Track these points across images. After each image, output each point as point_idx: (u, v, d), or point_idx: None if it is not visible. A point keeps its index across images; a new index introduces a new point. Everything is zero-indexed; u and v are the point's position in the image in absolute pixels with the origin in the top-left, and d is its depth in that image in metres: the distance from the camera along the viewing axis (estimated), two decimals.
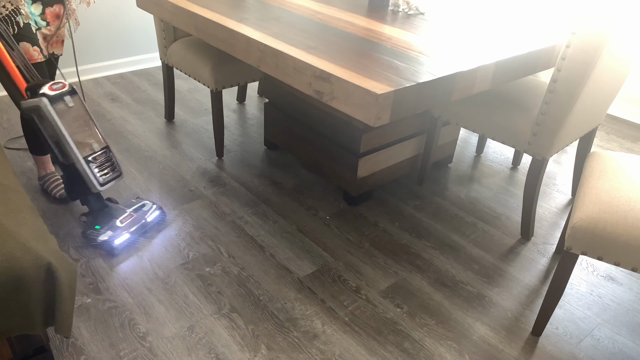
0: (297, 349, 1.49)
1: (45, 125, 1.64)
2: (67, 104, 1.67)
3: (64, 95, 1.67)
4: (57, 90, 1.64)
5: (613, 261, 1.36)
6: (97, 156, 1.74)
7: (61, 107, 1.65)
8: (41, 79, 1.68)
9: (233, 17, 1.82)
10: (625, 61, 1.74)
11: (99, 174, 1.73)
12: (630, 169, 1.52)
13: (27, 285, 1.09)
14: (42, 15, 1.76)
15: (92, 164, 1.71)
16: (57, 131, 1.63)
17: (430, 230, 2.04)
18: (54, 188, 2.03)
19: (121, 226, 1.82)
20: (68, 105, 1.67)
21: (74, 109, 1.69)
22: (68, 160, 1.69)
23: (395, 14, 2.00)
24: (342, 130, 2.04)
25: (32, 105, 1.61)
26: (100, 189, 1.73)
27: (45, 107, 1.60)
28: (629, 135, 2.97)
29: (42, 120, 1.63)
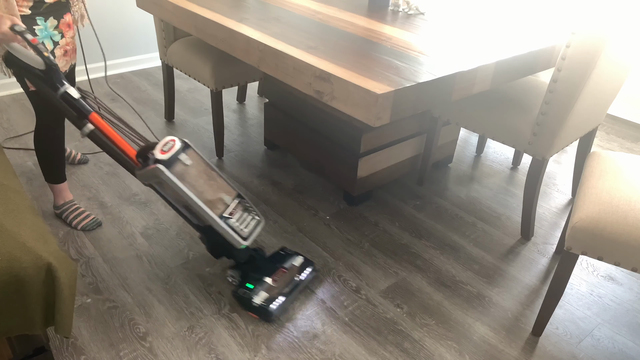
0: (297, 349, 1.49)
1: (168, 192, 1.48)
2: (184, 162, 1.47)
3: (179, 154, 1.47)
4: (170, 152, 1.45)
5: (613, 261, 1.36)
6: (233, 210, 1.53)
7: (180, 169, 1.45)
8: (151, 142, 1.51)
9: (233, 17, 1.82)
10: (625, 61, 1.74)
11: (241, 227, 1.53)
12: (630, 169, 1.52)
13: (27, 285, 1.09)
14: (57, 29, 1.66)
15: (229, 220, 1.50)
16: (183, 196, 1.44)
17: (431, 230, 2.04)
18: (74, 219, 1.91)
19: (275, 286, 1.61)
20: (186, 164, 1.47)
21: (193, 166, 1.49)
22: (204, 222, 1.51)
23: (395, 14, 2.00)
24: (342, 130, 2.04)
25: (149, 175, 1.44)
26: (246, 244, 1.53)
27: (163, 174, 1.41)
28: (629, 135, 2.97)
29: (163, 187, 1.47)
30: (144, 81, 3.28)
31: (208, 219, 1.47)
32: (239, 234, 1.52)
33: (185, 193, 1.44)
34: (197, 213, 1.47)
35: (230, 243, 1.53)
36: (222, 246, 1.58)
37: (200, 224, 1.53)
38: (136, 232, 1.91)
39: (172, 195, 1.49)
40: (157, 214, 2.01)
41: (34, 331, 1.16)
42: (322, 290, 1.70)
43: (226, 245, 1.56)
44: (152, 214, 2.01)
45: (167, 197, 1.51)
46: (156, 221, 1.98)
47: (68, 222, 1.91)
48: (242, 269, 1.65)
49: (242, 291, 1.59)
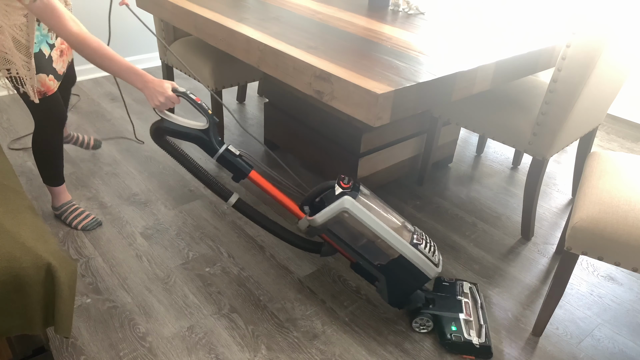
0: (297, 349, 1.49)
1: (351, 229, 1.39)
2: (365, 192, 1.43)
3: (359, 185, 1.42)
4: (349, 184, 1.39)
5: (613, 261, 1.36)
6: (418, 235, 1.45)
7: (363, 199, 1.39)
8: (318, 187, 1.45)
9: (233, 16, 1.82)
10: (625, 61, 1.74)
11: (431, 254, 1.43)
12: (630, 169, 1.52)
13: (27, 286, 1.09)
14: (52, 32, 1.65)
15: (420, 245, 1.41)
16: (373, 227, 1.36)
17: (431, 230, 2.04)
18: (74, 219, 1.89)
19: (472, 319, 1.51)
20: (367, 195, 1.43)
21: (372, 197, 1.43)
22: (387, 258, 1.41)
23: (396, 14, 2.00)
24: (342, 130, 2.04)
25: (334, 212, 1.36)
26: (438, 270, 1.45)
27: (352, 204, 1.35)
28: (630, 135, 2.97)
29: (345, 225, 1.39)
30: None
31: (401, 247, 1.39)
32: (431, 260, 1.43)
33: (376, 222, 1.37)
34: (384, 246, 1.39)
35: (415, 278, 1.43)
36: (402, 288, 1.47)
37: (381, 263, 1.43)
38: (136, 232, 1.91)
39: (349, 234, 1.40)
40: (157, 214, 2.01)
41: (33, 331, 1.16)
42: (322, 290, 1.70)
43: (406, 286, 1.46)
44: (152, 214, 2.01)
45: (345, 239, 1.42)
46: (156, 221, 1.98)
47: (67, 223, 1.90)
48: (429, 312, 1.52)
49: (455, 336, 1.46)
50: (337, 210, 1.36)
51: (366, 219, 1.37)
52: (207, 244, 1.88)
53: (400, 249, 1.39)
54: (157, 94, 1.39)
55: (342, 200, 1.35)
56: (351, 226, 1.38)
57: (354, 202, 1.36)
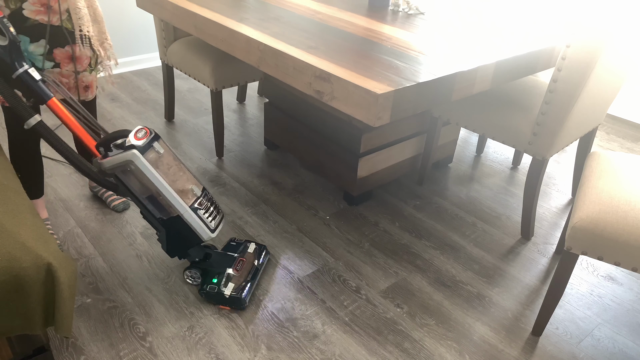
0: (297, 349, 1.49)
1: (135, 181, 1.44)
2: (157, 150, 1.44)
3: (153, 142, 1.44)
4: (144, 138, 1.42)
5: (613, 261, 1.36)
6: (202, 201, 1.53)
7: (153, 157, 1.42)
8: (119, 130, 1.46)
9: (233, 16, 1.82)
10: (625, 62, 1.74)
11: (209, 220, 1.53)
12: (630, 169, 1.52)
13: (27, 285, 1.09)
14: (48, 56, 1.55)
15: (199, 211, 1.50)
16: (155, 184, 1.42)
17: (431, 230, 2.04)
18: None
19: (237, 274, 1.63)
20: (159, 153, 1.45)
21: (164, 155, 1.47)
22: (168, 214, 1.49)
23: (396, 14, 2.00)
24: (342, 130, 2.04)
25: (120, 162, 1.39)
26: (213, 236, 1.54)
27: (139, 159, 1.38)
28: (629, 135, 2.97)
29: (131, 176, 1.43)
30: (144, 81, 3.28)
31: (179, 208, 1.47)
32: (208, 226, 1.52)
33: (159, 181, 1.42)
34: (166, 203, 1.46)
35: (192, 237, 1.53)
36: (180, 244, 1.57)
37: (163, 217, 1.50)
38: (136, 232, 1.91)
39: (137, 186, 1.45)
40: None
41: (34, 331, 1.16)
42: (322, 290, 1.70)
43: (184, 243, 1.56)
44: None
45: (130, 187, 1.46)
46: None
47: None
48: (199, 266, 1.65)
49: (209, 287, 1.60)
50: (122, 160, 1.40)
51: (150, 176, 1.42)
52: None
53: (179, 210, 1.47)
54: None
55: (129, 153, 1.38)
56: (137, 178, 1.43)
57: (140, 157, 1.39)
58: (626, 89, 3.16)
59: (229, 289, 1.59)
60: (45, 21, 1.50)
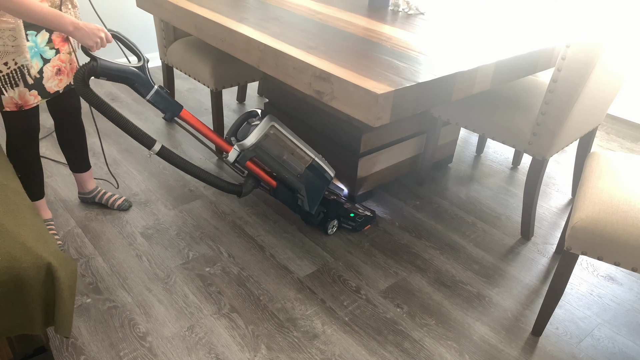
0: (297, 349, 1.49)
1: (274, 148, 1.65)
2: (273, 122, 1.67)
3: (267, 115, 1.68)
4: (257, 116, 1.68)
5: (613, 261, 1.36)
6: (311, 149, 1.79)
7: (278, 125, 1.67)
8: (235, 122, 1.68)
9: (233, 17, 1.82)
10: (625, 62, 1.74)
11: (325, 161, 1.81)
12: (630, 169, 1.52)
13: (27, 285, 1.09)
14: (50, 44, 1.52)
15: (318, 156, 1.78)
16: (293, 139, 1.67)
17: (431, 230, 2.04)
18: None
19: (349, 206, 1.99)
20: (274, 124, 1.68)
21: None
22: (302, 167, 1.72)
23: (395, 14, 2.00)
24: (342, 130, 2.04)
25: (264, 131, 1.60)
26: (333, 174, 1.83)
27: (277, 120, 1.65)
28: (629, 135, 2.97)
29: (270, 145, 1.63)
30: None
31: (311, 153, 1.73)
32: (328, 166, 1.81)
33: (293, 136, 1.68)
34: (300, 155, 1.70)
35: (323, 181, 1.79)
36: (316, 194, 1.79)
37: (300, 173, 1.72)
38: (136, 232, 1.91)
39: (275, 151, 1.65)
40: (157, 214, 2.02)
41: (34, 331, 1.16)
42: (322, 290, 1.70)
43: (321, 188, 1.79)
44: (152, 214, 2.01)
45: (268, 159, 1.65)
46: (156, 221, 1.98)
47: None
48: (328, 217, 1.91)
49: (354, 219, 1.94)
50: (265, 128, 1.59)
51: (288, 133, 1.66)
52: (207, 243, 1.88)
53: (311, 154, 1.72)
54: (92, 33, 1.39)
55: (269, 117, 1.60)
56: (274, 144, 1.63)
57: (276, 124, 1.63)
58: (626, 89, 3.16)
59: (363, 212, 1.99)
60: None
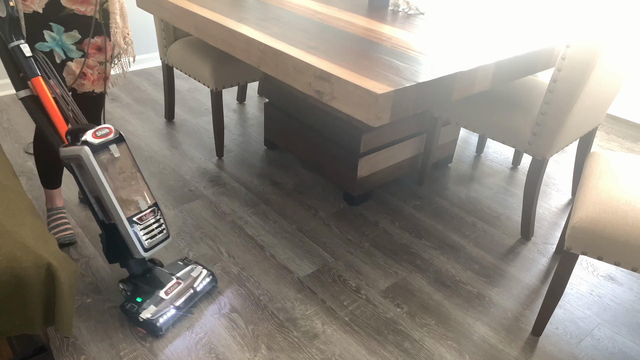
0: (297, 348, 1.49)
1: (85, 178, 1.42)
2: (112, 153, 1.42)
3: (110, 144, 1.41)
4: (102, 138, 1.40)
5: (613, 261, 1.36)
6: (144, 216, 1.47)
7: (105, 158, 1.40)
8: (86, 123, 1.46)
9: (233, 16, 1.82)
10: (625, 62, 1.74)
11: (145, 238, 1.46)
12: (630, 169, 1.52)
13: (27, 285, 1.09)
14: (78, 45, 1.57)
15: (137, 225, 1.45)
16: (99, 186, 1.39)
17: (430, 230, 2.04)
18: (53, 228, 1.82)
19: (166, 299, 1.54)
20: (114, 156, 1.42)
21: (120, 160, 1.44)
22: (109, 219, 1.45)
23: (395, 14, 2.00)
24: (342, 130, 2.04)
25: (72, 154, 1.39)
26: (145, 255, 1.47)
27: (87, 157, 1.36)
28: (629, 135, 2.97)
29: (82, 171, 1.41)
30: (144, 81, 3.28)
31: (115, 216, 1.42)
32: (142, 243, 1.46)
33: (102, 183, 1.39)
34: (106, 207, 1.43)
35: (126, 249, 1.48)
36: (120, 252, 1.51)
37: (105, 221, 1.47)
38: None
39: (87, 182, 1.43)
40: None
41: (34, 331, 1.16)
42: (322, 290, 1.70)
43: (124, 252, 1.50)
44: None
45: (81, 181, 1.45)
46: None
47: (49, 229, 1.84)
48: (135, 281, 1.58)
49: (130, 305, 1.52)
50: (73, 154, 1.39)
51: (95, 176, 1.38)
52: (207, 243, 1.88)
53: (115, 219, 1.43)
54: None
55: (80, 148, 1.37)
56: (86, 174, 1.41)
57: (89, 156, 1.37)
58: (626, 89, 3.16)
59: (147, 312, 1.50)
60: (81, 11, 1.54)
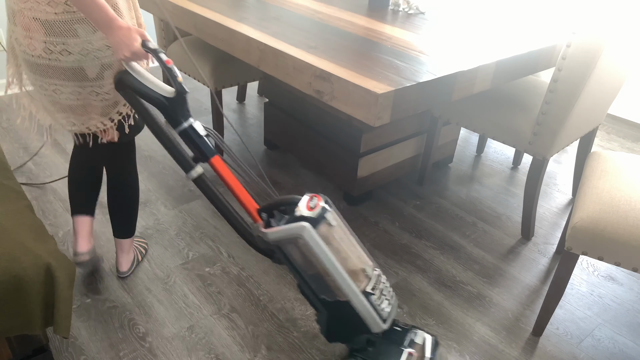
0: (297, 349, 1.49)
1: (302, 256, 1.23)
2: (329, 223, 1.22)
3: (325, 213, 1.22)
4: (316, 209, 1.21)
5: (613, 261, 1.36)
6: (376, 284, 1.27)
7: (324, 230, 1.20)
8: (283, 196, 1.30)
9: (233, 16, 1.82)
10: (625, 61, 1.74)
11: (382, 307, 1.27)
12: (630, 169, 1.52)
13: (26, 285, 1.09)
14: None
15: (372, 296, 1.24)
16: (325, 263, 1.20)
17: (431, 230, 2.04)
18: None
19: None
20: (331, 225, 1.22)
21: (337, 228, 1.24)
22: (334, 296, 1.25)
23: (396, 14, 2.00)
24: (342, 130, 2.04)
25: (288, 235, 1.20)
26: (385, 327, 1.27)
27: (309, 233, 1.17)
28: (630, 135, 2.97)
29: (296, 250, 1.23)
30: None
31: (349, 293, 1.22)
32: (379, 314, 1.27)
33: (329, 260, 1.20)
34: (333, 285, 1.23)
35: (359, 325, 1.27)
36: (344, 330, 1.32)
37: (327, 299, 1.27)
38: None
39: (302, 261, 1.24)
40: (157, 214, 2.01)
41: (33, 331, 1.16)
42: None
43: (348, 329, 1.31)
44: (152, 214, 2.01)
45: (293, 261, 1.26)
46: (156, 221, 1.98)
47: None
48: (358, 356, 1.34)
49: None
50: (291, 234, 1.20)
51: (320, 253, 1.19)
52: (207, 244, 1.88)
53: (349, 295, 1.23)
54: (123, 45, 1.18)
55: (299, 225, 1.18)
56: (304, 253, 1.22)
57: (312, 232, 1.18)
58: (626, 89, 3.15)
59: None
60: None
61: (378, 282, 1.29)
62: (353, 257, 1.25)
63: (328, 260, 1.20)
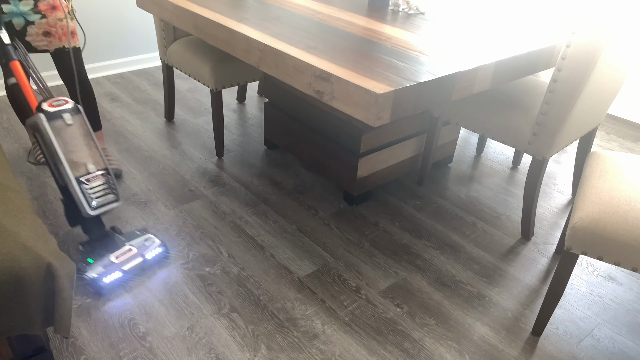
0: (297, 349, 1.49)
1: (45, 144, 1.56)
2: (65, 121, 1.57)
3: (63, 113, 1.58)
4: (57, 107, 1.57)
5: (613, 261, 1.36)
6: (92, 178, 1.61)
7: (59, 124, 1.56)
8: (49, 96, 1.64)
9: (233, 16, 1.82)
10: (625, 61, 1.74)
11: (92, 197, 1.60)
12: (630, 169, 1.52)
13: (26, 285, 1.09)
14: (34, 9, 1.75)
15: (84, 185, 1.58)
16: (52, 149, 1.54)
17: (431, 230, 2.04)
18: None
19: (115, 262, 1.67)
20: (67, 123, 1.58)
21: (73, 128, 1.59)
22: (63, 181, 1.59)
23: (396, 14, 2.00)
24: (342, 130, 2.04)
25: (32, 122, 1.55)
26: (91, 213, 1.60)
27: (42, 123, 1.53)
28: (630, 135, 2.97)
29: (42, 137, 1.55)
30: (144, 81, 3.28)
31: (64, 175, 1.56)
32: (88, 202, 1.59)
33: (53, 145, 1.53)
34: (58, 168, 1.56)
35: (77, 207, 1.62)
36: (78, 213, 1.66)
37: (61, 183, 1.60)
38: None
39: (47, 149, 1.56)
40: (157, 214, 2.02)
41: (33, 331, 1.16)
42: (322, 290, 1.70)
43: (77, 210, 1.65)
44: (152, 214, 2.01)
45: (43, 149, 1.57)
46: (156, 221, 1.98)
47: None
48: (92, 245, 1.70)
49: (81, 265, 1.66)
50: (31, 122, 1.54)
51: (47, 139, 1.53)
52: (207, 243, 1.88)
53: (65, 179, 1.57)
54: None
55: (36, 116, 1.53)
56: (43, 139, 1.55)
57: (43, 121, 1.53)
58: (626, 89, 3.16)
59: (94, 272, 1.62)
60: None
61: (97, 179, 1.62)
62: (80, 153, 1.60)
63: (52, 146, 1.54)
